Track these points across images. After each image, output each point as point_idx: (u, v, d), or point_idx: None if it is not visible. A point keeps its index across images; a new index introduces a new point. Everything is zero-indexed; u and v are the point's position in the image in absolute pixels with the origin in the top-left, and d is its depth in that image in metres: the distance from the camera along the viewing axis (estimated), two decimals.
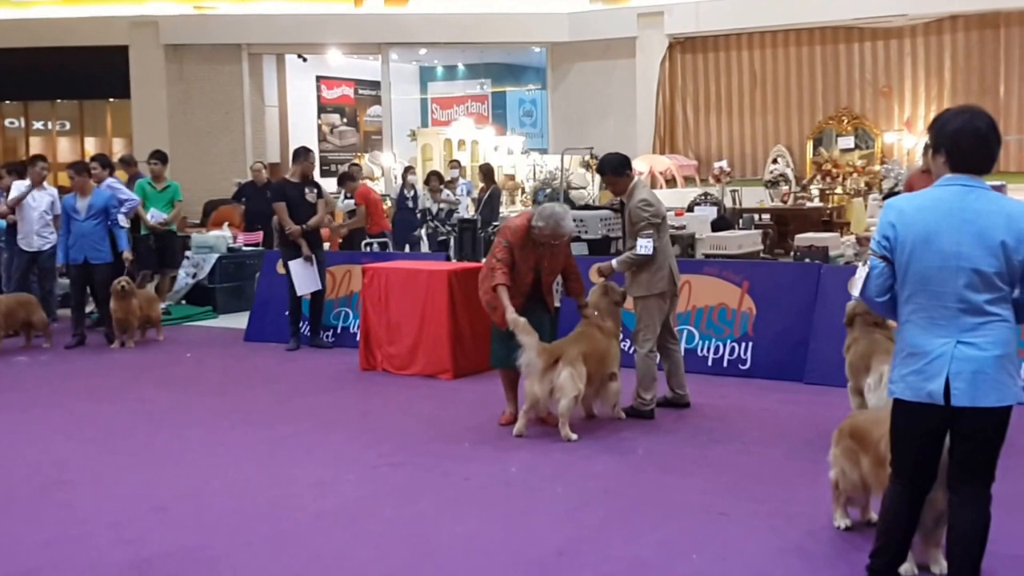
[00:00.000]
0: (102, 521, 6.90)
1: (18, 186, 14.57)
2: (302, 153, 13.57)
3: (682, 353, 9.93)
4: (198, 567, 6.06)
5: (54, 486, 7.72)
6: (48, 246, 14.36)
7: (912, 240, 4.86)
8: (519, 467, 7.99)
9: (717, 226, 15.28)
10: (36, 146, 27.98)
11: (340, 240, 17.28)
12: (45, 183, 14.64)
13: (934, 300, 4.84)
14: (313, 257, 13.05)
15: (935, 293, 4.83)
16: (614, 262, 9.47)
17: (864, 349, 8.15)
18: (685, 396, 9.70)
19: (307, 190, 13.21)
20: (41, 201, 14.43)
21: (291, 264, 12.88)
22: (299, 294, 13.04)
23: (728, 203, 17.72)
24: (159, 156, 16.20)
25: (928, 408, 4.86)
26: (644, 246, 9.15)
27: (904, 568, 5.42)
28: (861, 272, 5.04)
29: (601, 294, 9.41)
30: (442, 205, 18.78)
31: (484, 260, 9.88)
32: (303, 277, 12.93)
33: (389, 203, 22.92)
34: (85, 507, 7.22)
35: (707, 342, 11.22)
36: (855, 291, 5.11)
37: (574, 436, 8.60)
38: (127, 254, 13.96)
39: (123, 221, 14.18)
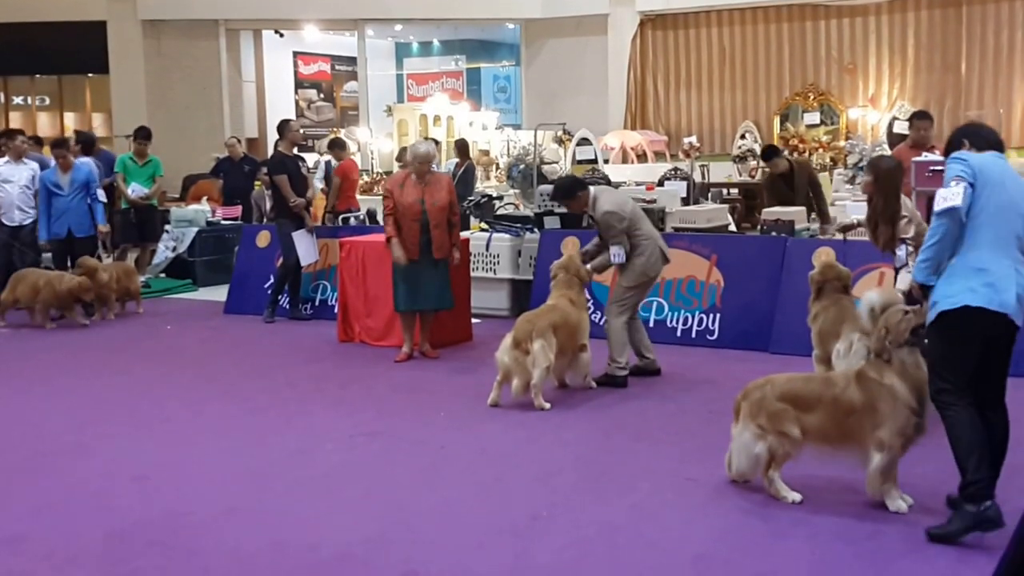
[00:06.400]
0: (85, 490, 7.02)
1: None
2: (286, 125, 13.69)
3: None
4: (179, 534, 6.18)
5: (38, 456, 7.83)
6: (29, 220, 14.33)
7: (987, 180, 5.71)
8: (493, 436, 8.18)
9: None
10: (16, 121, 27.75)
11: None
12: (25, 157, 14.69)
13: (1001, 231, 5.68)
14: (314, 228, 13.26)
15: (1002, 225, 5.68)
16: (588, 266, 9.76)
17: (835, 316, 8.33)
18: (654, 361, 9.96)
19: (300, 163, 13.44)
20: (22, 175, 14.43)
21: (295, 235, 12.98)
22: (303, 264, 13.15)
23: (697, 178, 17.85)
24: (144, 133, 16.35)
25: (994, 315, 5.62)
26: (617, 255, 9.54)
27: (897, 505, 6.11)
28: (953, 190, 5.66)
29: (566, 266, 9.65)
30: None
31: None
32: (306, 248, 13.07)
33: (367, 178, 23.09)
34: (68, 476, 7.33)
35: (676, 313, 11.44)
36: (957, 201, 5.62)
37: (547, 405, 8.82)
38: (103, 227, 14.16)
39: (101, 196, 14.34)
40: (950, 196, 5.64)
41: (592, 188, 9.96)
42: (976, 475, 5.55)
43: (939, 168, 12.29)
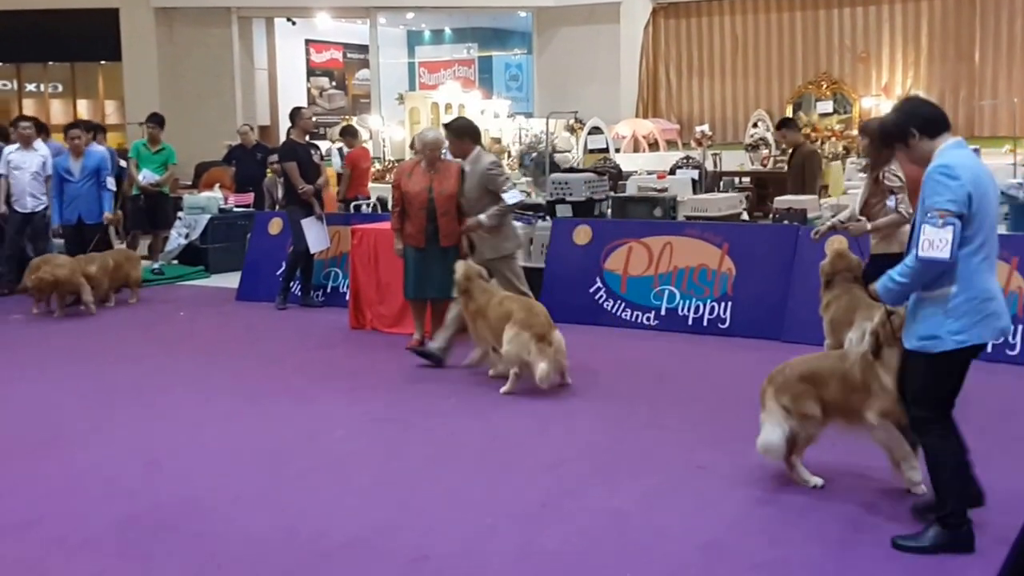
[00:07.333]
0: (97, 475, 7.04)
1: (9, 150, 14.64)
2: (298, 113, 13.71)
3: None
4: (190, 519, 6.20)
5: (51, 441, 7.85)
6: (41, 207, 14.35)
7: (979, 194, 5.22)
8: (503, 423, 8.19)
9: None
10: (29, 108, 27.83)
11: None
12: (36, 143, 14.69)
13: (993, 249, 5.38)
14: (324, 216, 13.27)
15: (993, 242, 5.36)
16: (482, 217, 9.98)
17: (847, 304, 8.34)
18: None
19: (312, 151, 13.46)
20: (32, 162, 14.41)
21: (304, 223, 12.99)
22: (312, 251, 13.14)
23: (709, 166, 17.84)
24: (156, 119, 16.38)
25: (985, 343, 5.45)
26: (514, 196, 10.04)
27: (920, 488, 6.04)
28: (941, 234, 5.12)
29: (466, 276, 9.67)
30: None
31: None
32: (316, 235, 13.07)
33: (379, 166, 23.11)
34: (81, 461, 7.35)
35: (688, 302, 11.42)
36: (944, 253, 5.12)
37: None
38: (108, 215, 14.17)
39: (110, 184, 14.34)
40: (938, 243, 5.13)
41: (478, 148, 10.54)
42: (958, 504, 5.44)
43: None
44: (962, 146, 5.43)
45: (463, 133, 10.39)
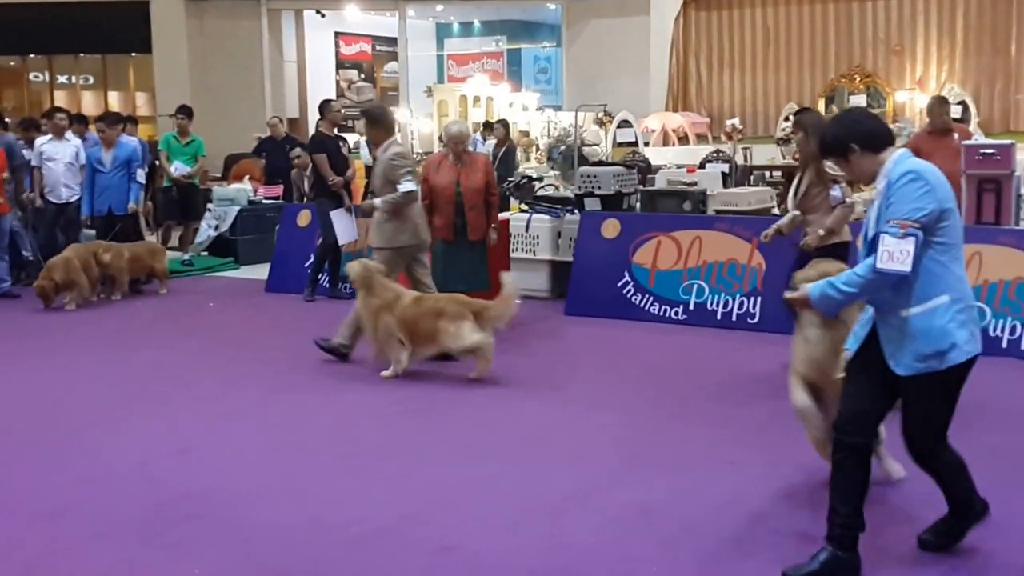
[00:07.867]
0: (127, 463, 7.06)
1: (40, 141, 14.70)
2: (327, 105, 13.81)
3: None
4: (218, 509, 6.22)
5: (81, 429, 7.89)
6: (75, 197, 14.45)
7: (949, 200, 4.91)
8: (530, 415, 8.19)
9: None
10: (60, 100, 28.01)
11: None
12: (68, 133, 14.76)
13: (961, 254, 5.04)
14: (353, 208, 13.29)
15: (961, 245, 5.06)
16: (377, 201, 9.93)
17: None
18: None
19: (341, 143, 13.51)
20: (65, 152, 14.51)
21: (333, 215, 13.00)
22: (341, 243, 13.18)
23: (740, 160, 17.79)
24: (185, 111, 16.45)
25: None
26: (407, 187, 9.84)
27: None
28: (902, 245, 4.82)
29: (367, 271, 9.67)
30: None
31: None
32: (344, 227, 13.08)
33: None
34: (111, 449, 7.39)
35: (717, 296, 11.38)
36: (906, 266, 4.80)
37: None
38: (132, 205, 14.20)
39: (139, 176, 14.40)
40: (899, 255, 4.81)
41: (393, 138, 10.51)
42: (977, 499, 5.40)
43: (990, 151, 12.21)
44: (911, 156, 5.08)
45: (375, 122, 10.39)
